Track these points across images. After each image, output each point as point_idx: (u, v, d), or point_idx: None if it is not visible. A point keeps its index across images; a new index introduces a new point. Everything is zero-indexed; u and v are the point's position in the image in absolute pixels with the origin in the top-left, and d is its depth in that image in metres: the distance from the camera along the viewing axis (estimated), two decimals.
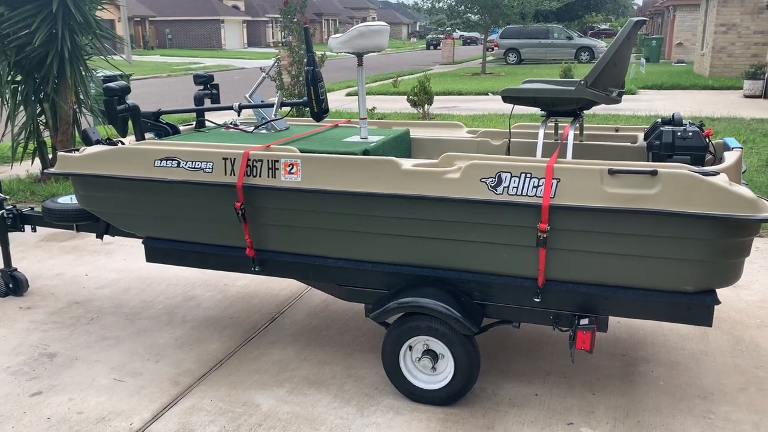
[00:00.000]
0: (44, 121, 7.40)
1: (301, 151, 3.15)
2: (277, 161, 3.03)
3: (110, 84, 3.50)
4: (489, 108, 13.75)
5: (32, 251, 5.36)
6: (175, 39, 56.55)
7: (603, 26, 65.74)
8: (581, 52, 30.21)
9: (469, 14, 25.62)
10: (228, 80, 23.55)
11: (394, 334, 2.98)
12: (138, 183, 3.29)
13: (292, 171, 3.02)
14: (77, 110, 7.54)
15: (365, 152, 3.21)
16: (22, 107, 7.24)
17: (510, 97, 3.32)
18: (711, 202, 2.46)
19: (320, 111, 3.58)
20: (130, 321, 4.00)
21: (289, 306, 4.16)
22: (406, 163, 2.88)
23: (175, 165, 3.20)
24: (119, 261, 5.08)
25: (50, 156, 7.53)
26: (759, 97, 14.85)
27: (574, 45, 30.45)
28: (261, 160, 3.06)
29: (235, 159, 3.10)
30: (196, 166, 3.16)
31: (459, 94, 17.18)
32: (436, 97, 14.64)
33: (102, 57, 7.57)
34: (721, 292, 4.08)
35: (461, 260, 2.91)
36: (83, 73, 7.30)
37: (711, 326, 2.68)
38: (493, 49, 31.26)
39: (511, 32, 30.64)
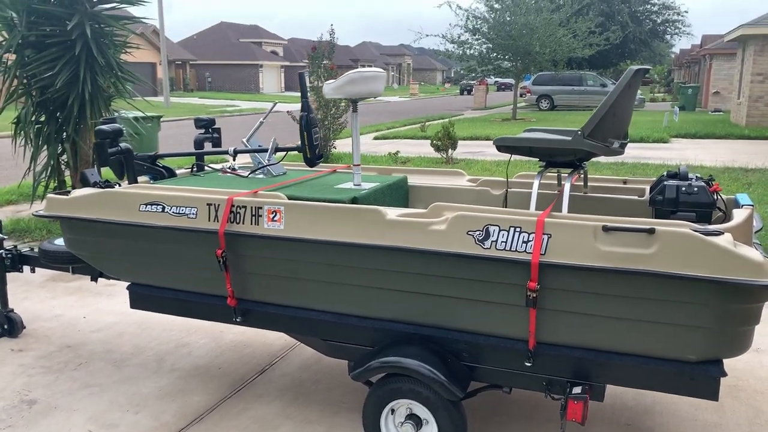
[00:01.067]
0: (65, 160, 7.49)
1: (290, 198, 3.04)
2: (261, 208, 2.92)
3: (102, 126, 3.47)
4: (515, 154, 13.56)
5: (36, 291, 5.32)
6: (214, 82, 58.07)
7: None
8: None
9: (500, 60, 25.67)
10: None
11: (376, 396, 2.79)
12: (122, 227, 3.22)
13: (275, 218, 2.91)
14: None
15: (354, 200, 3.09)
16: (44, 147, 7.35)
17: (505, 146, 3.17)
18: (712, 264, 2.25)
19: (313, 157, 3.49)
20: (118, 368, 3.88)
21: (280, 357, 4.00)
22: (391, 213, 2.74)
23: (160, 210, 3.12)
24: (120, 303, 5.01)
25: None
26: None
27: (608, 92, 30.23)
28: (245, 207, 2.96)
29: (219, 205, 3.01)
30: (181, 212, 3.07)
31: (486, 139, 17.05)
32: (462, 142, 14.56)
33: (124, 99, 7.68)
34: (741, 358, 3.80)
35: (448, 318, 2.73)
36: (104, 114, 7.39)
37: (717, 400, 2.44)
38: (525, 95, 31.23)
39: (544, 78, 30.61)
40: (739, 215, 2.61)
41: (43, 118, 7.29)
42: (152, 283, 3.35)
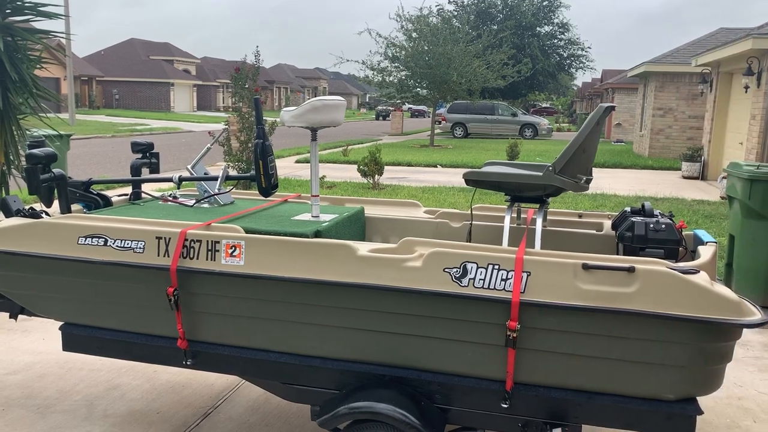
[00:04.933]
0: None
1: (246, 231, 2.85)
2: (218, 242, 2.72)
3: (34, 150, 3.16)
4: (438, 180, 13.76)
5: None
6: (122, 99, 55.85)
7: (544, 104, 68.63)
8: (525, 129, 31.19)
9: (418, 88, 26.15)
10: (174, 143, 23.14)
11: None
12: (58, 262, 2.91)
13: (234, 253, 2.71)
14: (6, 172, 7.04)
15: (317, 233, 2.93)
16: None
17: (473, 180, 3.12)
18: (691, 303, 2.27)
19: (269, 186, 3.30)
20: (42, 415, 3.51)
21: (224, 399, 3.75)
22: (362, 248, 2.61)
23: (102, 243, 2.85)
24: (37, 341, 4.57)
25: None
26: (696, 178, 15.37)
27: (518, 122, 31.45)
28: (200, 241, 2.74)
29: (170, 238, 2.77)
30: (126, 245, 2.82)
31: (408, 165, 17.23)
32: (386, 167, 14.62)
33: (37, 116, 7.16)
34: None
35: (421, 358, 2.62)
36: (15, 132, 6.85)
37: None
38: (440, 123, 31.93)
39: (458, 107, 31.46)
40: (705, 252, 2.66)
41: None
42: (90, 323, 3.04)
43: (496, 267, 2.43)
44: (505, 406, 2.54)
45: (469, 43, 24.86)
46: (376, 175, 11.95)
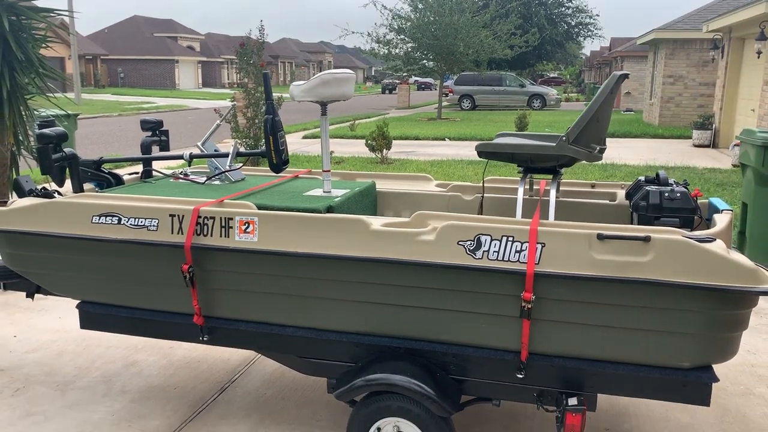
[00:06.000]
0: None
1: (258, 207, 2.85)
2: (232, 219, 2.72)
3: (45, 130, 3.16)
4: (447, 153, 13.70)
5: None
6: (127, 78, 55.71)
7: (552, 74, 67.88)
8: (533, 99, 30.86)
9: (425, 61, 25.89)
10: (181, 121, 23.10)
11: (362, 415, 2.66)
12: (73, 241, 2.93)
13: (247, 230, 2.71)
14: (16, 152, 7.06)
15: (329, 209, 2.93)
16: None
17: (486, 152, 3.10)
18: (709, 271, 2.26)
19: (279, 162, 3.30)
20: (62, 392, 3.56)
21: (240, 373, 3.79)
22: (376, 223, 2.61)
23: (116, 222, 2.86)
24: (54, 320, 4.63)
25: None
26: (707, 146, 15.22)
27: (527, 92, 31.11)
28: (213, 218, 2.75)
29: (183, 216, 2.78)
30: (140, 224, 2.83)
31: (416, 139, 17.15)
32: (393, 142, 14.56)
33: (45, 96, 7.15)
34: None
35: (435, 330, 2.63)
36: (23, 113, 6.86)
37: (709, 405, 2.45)
38: (448, 95, 31.65)
39: (465, 79, 31.14)
40: (721, 220, 2.64)
41: None
42: (106, 301, 3.07)
43: (511, 239, 2.43)
44: (521, 376, 2.56)
45: (475, 13, 24.51)
46: (384, 150, 11.90)
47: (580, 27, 41.95)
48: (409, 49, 25.46)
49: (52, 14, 7.13)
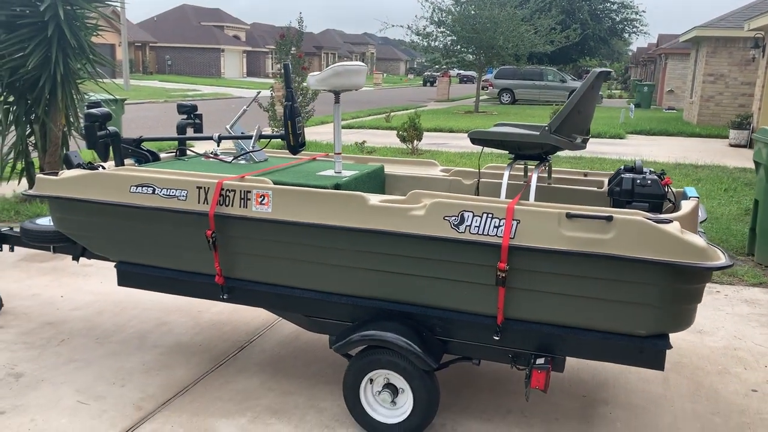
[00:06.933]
0: (34, 142, 7.47)
1: (275, 183, 3.23)
2: (249, 192, 3.10)
3: (91, 110, 3.59)
4: (478, 147, 13.90)
5: (10, 271, 5.38)
6: (174, 65, 57.13)
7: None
8: None
9: (464, 54, 26.05)
10: (224, 108, 23.78)
11: (356, 367, 3.02)
12: (113, 208, 3.36)
13: (263, 202, 3.09)
14: (67, 132, 7.62)
15: (336, 186, 3.29)
16: (12, 127, 7.32)
17: (478, 139, 3.42)
18: (662, 248, 2.54)
19: (296, 145, 3.67)
20: (101, 344, 4.02)
21: (259, 335, 4.19)
22: (374, 199, 2.95)
23: (150, 192, 3.27)
24: (96, 284, 5.11)
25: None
26: (744, 146, 15.11)
27: (567, 88, 30.94)
28: (234, 190, 3.13)
29: (209, 188, 3.18)
30: (171, 194, 3.23)
31: (450, 131, 17.39)
32: (427, 134, 14.85)
33: (95, 81, 7.69)
34: (684, 337, 4.16)
35: (424, 296, 2.97)
36: (74, 96, 7.40)
37: (662, 370, 2.74)
38: (487, 89, 31.70)
39: (506, 72, 31.15)
40: (686, 206, 2.91)
41: (11, 99, 7.26)
42: (140, 261, 3.50)
43: (490, 215, 2.75)
44: (497, 338, 2.88)
45: (516, 7, 24.56)
46: (415, 141, 12.21)
47: (626, 23, 41.33)
48: (449, 42, 25.65)
49: (104, 4, 7.64)
